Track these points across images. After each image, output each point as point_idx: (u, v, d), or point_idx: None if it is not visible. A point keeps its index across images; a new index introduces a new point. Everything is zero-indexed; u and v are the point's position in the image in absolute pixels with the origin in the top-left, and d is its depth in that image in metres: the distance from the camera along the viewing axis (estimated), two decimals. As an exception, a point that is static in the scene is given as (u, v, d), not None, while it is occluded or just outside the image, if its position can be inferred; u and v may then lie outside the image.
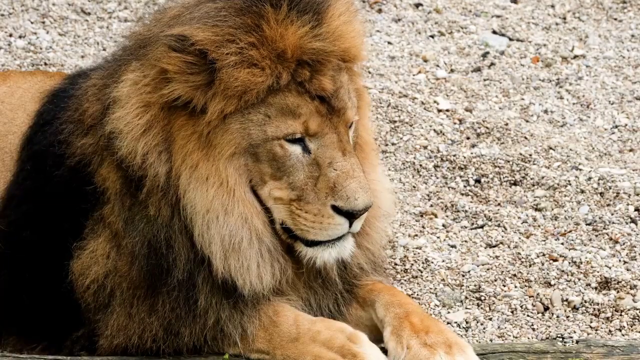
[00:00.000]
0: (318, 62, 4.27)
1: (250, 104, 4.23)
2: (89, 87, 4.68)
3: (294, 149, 4.28)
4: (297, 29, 4.22)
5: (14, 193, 4.81)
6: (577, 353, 4.54)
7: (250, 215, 4.32)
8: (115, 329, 4.48)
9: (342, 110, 4.31)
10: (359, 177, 4.25)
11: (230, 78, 4.19)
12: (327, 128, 4.28)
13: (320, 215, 4.27)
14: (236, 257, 4.31)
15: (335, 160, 4.26)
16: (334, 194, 4.24)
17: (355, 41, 4.40)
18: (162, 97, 4.27)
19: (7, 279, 4.71)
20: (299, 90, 4.25)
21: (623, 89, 7.33)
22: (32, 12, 7.97)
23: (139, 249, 4.41)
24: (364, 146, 4.59)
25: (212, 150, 4.27)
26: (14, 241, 4.70)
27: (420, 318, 4.47)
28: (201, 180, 4.27)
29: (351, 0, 4.47)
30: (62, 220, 4.57)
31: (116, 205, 4.45)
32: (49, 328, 4.65)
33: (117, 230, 4.45)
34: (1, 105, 5.34)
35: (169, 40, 4.22)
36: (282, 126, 4.25)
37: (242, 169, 4.30)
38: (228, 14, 4.24)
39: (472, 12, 8.31)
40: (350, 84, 4.40)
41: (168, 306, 4.41)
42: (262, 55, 4.20)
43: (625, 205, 6.02)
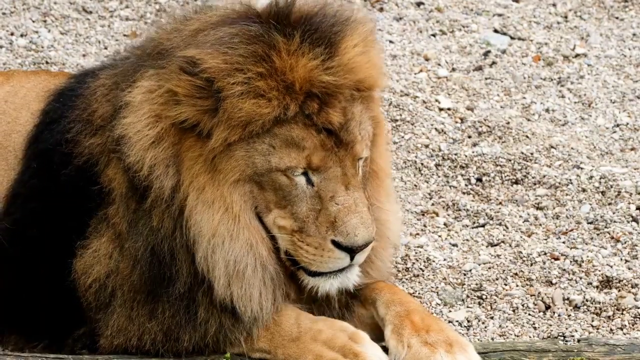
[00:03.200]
0: (328, 94, 4.22)
1: (255, 133, 4.20)
2: (98, 87, 4.66)
3: (298, 180, 4.25)
4: (308, 62, 4.18)
5: (20, 191, 4.81)
6: (578, 352, 4.54)
7: (256, 242, 4.30)
8: (116, 330, 4.48)
9: (350, 144, 4.26)
10: (360, 213, 4.21)
11: (234, 108, 4.16)
12: (332, 162, 4.23)
13: (321, 248, 4.25)
14: (239, 285, 4.31)
15: (338, 195, 4.23)
16: (334, 229, 4.21)
17: (371, 71, 4.34)
18: (170, 119, 4.26)
19: (11, 277, 4.72)
20: (306, 122, 4.21)
21: (624, 88, 7.33)
22: (33, 11, 7.97)
23: (141, 254, 4.40)
24: (379, 173, 4.55)
25: (218, 174, 4.25)
26: (19, 239, 4.70)
27: (421, 317, 4.47)
28: (208, 204, 4.26)
29: (369, 29, 4.41)
30: (67, 219, 4.57)
31: (121, 206, 4.44)
32: (51, 326, 4.66)
33: (120, 231, 4.45)
34: (5, 104, 5.34)
35: (180, 62, 4.20)
36: (285, 158, 4.22)
37: (248, 196, 4.28)
38: (240, 41, 4.19)
39: (473, 11, 8.31)
40: (365, 112, 4.35)
41: (168, 313, 4.41)
42: (269, 86, 4.16)
43: (627, 204, 6.02)
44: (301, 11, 4.32)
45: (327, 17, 4.32)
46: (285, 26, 4.23)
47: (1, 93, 5.40)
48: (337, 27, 4.30)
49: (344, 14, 4.40)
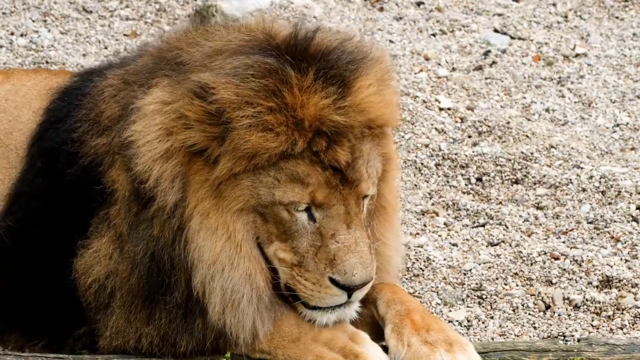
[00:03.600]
0: (337, 133, 4.20)
1: (261, 166, 4.19)
2: (106, 87, 4.65)
3: (300, 215, 4.23)
4: (320, 100, 4.16)
5: (23, 190, 4.80)
6: (578, 352, 4.54)
7: (254, 272, 4.29)
8: (114, 332, 4.49)
9: (355, 182, 4.24)
10: (360, 252, 4.20)
11: (240, 140, 4.15)
12: (335, 199, 4.22)
13: (319, 284, 4.24)
14: (233, 314, 4.31)
15: (339, 233, 4.21)
16: (332, 267, 4.20)
17: (384, 110, 4.32)
18: (179, 141, 4.26)
19: (12, 275, 4.72)
20: (313, 159, 4.19)
21: (624, 88, 7.33)
22: (33, 11, 7.97)
23: (140, 258, 4.40)
24: (387, 208, 4.52)
25: (222, 201, 4.24)
26: (21, 238, 4.70)
27: (422, 316, 4.47)
28: (211, 230, 4.25)
29: (386, 66, 4.39)
30: (69, 218, 4.57)
31: (123, 208, 4.44)
32: (51, 325, 4.66)
33: (121, 232, 4.45)
34: (5, 103, 5.34)
35: (194, 86, 4.20)
36: (289, 193, 4.20)
37: (250, 225, 4.28)
38: (254, 74, 4.18)
39: (473, 11, 8.31)
40: (375, 149, 4.33)
41: (165, 319, 4.41)
42: (278, 121, 4.14)
43: (627, 204, 6.02)
44: (319, 45, 4.29)
45: (344, 54, 4.30)
46: (301, 61, 4.20)
47: (1, 91, 5.40)
48: (353, 65, 4.27)
49: (362, 50, 4.38)
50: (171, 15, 8.01)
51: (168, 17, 8.00)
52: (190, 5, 7.98)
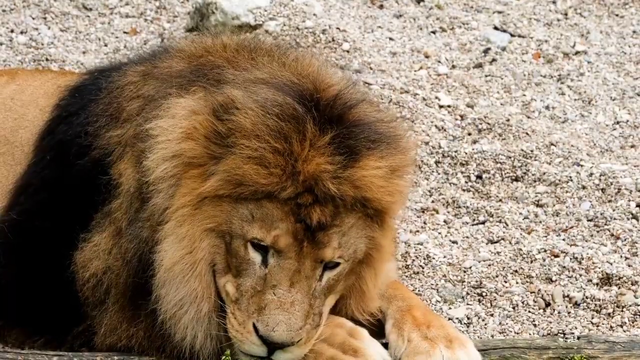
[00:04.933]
0: (327, 196, 4.20)
1: (244, 197, 4.21)
2: (127, 84, 4.68)
3: (255, 256, 4.23)
4: (323, 163, 4.18)
5: (31, 182, 4.81)
6: (578, 349, 4.54)
7: (201, 296, 4.29)
8: (108, 329, 4.50)
9: (320, 245, 4.22)
10: (292, 313, 4.16)
11: (233, 165, 4.18)
12: (293, 253, 4.20)
13: (242, 326, 4.22)
14: (180, 327, 4.31)
15: (280, 287, 4.19)
16: (259, 314, 4.18)
17: (385, 197, 4.30)
18: (185, 150, 4.29)
19: (14, 270, 4.72)
20: (293, 209, 4.19)
21: (624, 85, 7.33)
22: (33, 8, 7.97)
23: (130, 257, 4.43)
24: (366, 293, 4.48)
25: (199, 215, 4.26)
26: (24, 231, 4.70)
27: (423, 312, 4.48)
28: (179, 238, 4.28)
29: (406, 159, 4.39)
30: (74, 211, 4.58)
31: (125, 203, 4.45)
32: (52, 322, 4.66)
33: (120, 227, 4.46)
34: (11, 101, 5.36)
35: (216, 103, 4.24)
36: (255, 229, 4.20)
37: (214, 249, 4.29)
38: (279, 113, 4.20)
39: (473, 8, 8.31)
40: (361, 229, 4.30)
41: (146, 322, 4.43)
42: (277, 162, 4.17)
43: (627, 202, 6.02)
44: (354, 115, 4.30)
45: (371, 131, 4.30)
46: (327, 121, 4.22)
47: (7, 91, 5.42)
48: (373, 144, 4.28)
49: (392, 135, 4.38)
50: (171, 12, 8.01)
51: (168, 14, 8.00)
52: (190, 3, 7.97)
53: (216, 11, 7.62)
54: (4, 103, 5.35)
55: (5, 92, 5.42)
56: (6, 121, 5.27)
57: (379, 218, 4.35)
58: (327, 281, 4.29)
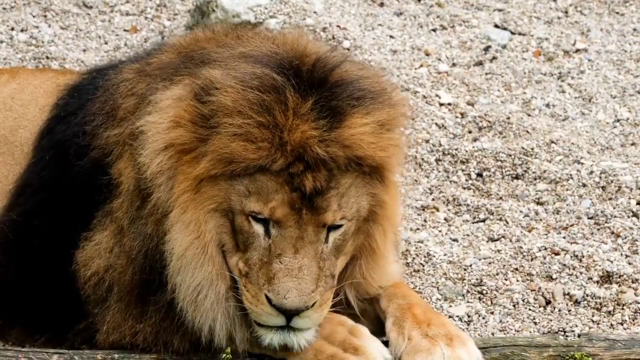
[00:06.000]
0: (318, 161, 4.20)
1: (237, 174, 4.22)
2: (122, 81, 4.69)
3: (258, 228, 4.24)
4: (308, 129, 4.18)
5: (31, 182, 4.81)
6: (578, 347, 4.54)
7: (216, 278, 4.30)
8: (111, 327, 4.50)
9: (320, 210, 4.22)
10: (300, 279, 4.17)
11: (221, 145, 4.19)
12: (293, 221, 4.21)
13: (256, 299, 4.24)
14: (199, 312, 4.32)
15: (285, 255, 4.20)
16: (269, 285, 4.19)
17: (378, 153, 4.29)
18: (174, 138, 4.29)
19: (14, 269, 4.72)
20: (287, 179, 4.20)
21: (625, 83, 7.32)
22: (34, 6, 7.97)
23: (135, 254, 4.43)
24: (376, 251, 4.47)
25: (200, 198, 4.28)
26: (26, 231, 4.71)
27: (423, 310, 4.48)
28: (185, 224, 4.28)
29: (396, 113, 4.36)
30: (75, 211, 4.58)
31: (126, 201, 4.46)
32: (53, 320, 4.66)
33: (122, 226, 4.47)
34: (11, 100, 5.35)
35: (196, 86, 4.25)
36: (253, 203, 4.22)
37: (220, 229, 4.30)
38: (259, 86, 4.21)
39: (474, 6, 8.30)
40: (360, 187, 4.31)
41: (156, 318, 4.42)
42: (264, 136, 4.18)
43: (627, 199, 6.02)
44: (335, 76, 4.30)
45: (355, 89, 4.30)
46: (307, 87, 4.22)
47: (8, 90, 5.42)
48: (358, 101, 4.27)
49: (378, 90, 4.37)
50: (171, 10, 8.01)
51: (168, 12, 8.00)
52: (190, 1, 7.97)
53: (216, 9, 7.62)
54: (4, 102, 5.34)
55: (5, 91, 5.42)
56: (6, 120, 5.27)
57: (378, 175, 4.35)
58: (333, 242, 4.29)
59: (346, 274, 4.46)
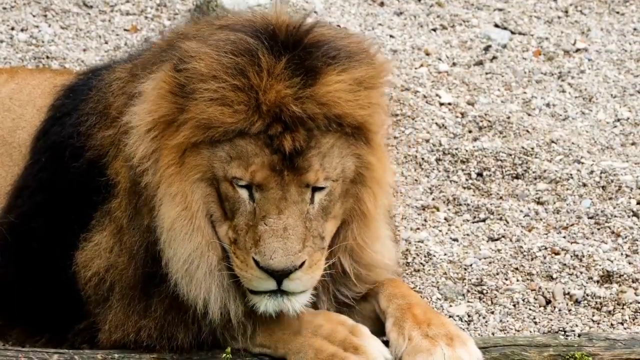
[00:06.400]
0: (295, 121, 4.20)
1: (217, 140, 4.23)
2: (114, 80, 4.70)
3: (242, 193, 4.25)
4: (283, 89, 4.18)
5: (28, 184, 4.82)
6: (579, 347, 4.54)
7: (207, 248, 4.31)
8: (114, 325, 4.50)
9: (302, 171, 4.21)
10: (286, 239, 4.17)
11: (198, 111, 4.20)
12: (275, 183, 4.21)
13: (245, 263, 4.24)
14: (193, 284, 4.31)
15: (269, 216, 4.19)
16: (256, 247, 4.19)
17: (358, 112, 4.27)
18: (156, 113, 4.30)
19: (13, 271, 4.73)
20: (266, 141, 4.20)
21: (625, 83, 7.33)
22: (34, 6, 7.97)
23: (137, 249, 4.43)
24: (367, 214, 4.45)
25: (184, 169, 4.28)
26: (24, 233, 4.71)
27: (423, 310, 4.47)
28: (171, 196, 4.29)
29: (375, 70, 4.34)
30: (73, 212, 4.59)
31: (124, 200, 4.47)
32: (53, 320, 4.66)
33: (121, 225, 4.47)
34: (9, 101, 5.35)
35: (175, 57, 4.27)
36: (235, 169, 4.23)
37: (207, 199, 4.31)
38: (231, 50, 4.22)
39: (474, 6, 8.31)
40: (343, 148, 4.30)
41: (160, 310, 4.42)
42: (240, 99, 4.18)
43: (627, 199, 6.02)
44: (308, 36, 4.30)
45: (330, 48, 4.29)
46: (281, 47, 4.23)
47: (6, 90, 5.42)
48: (333, 60, 4.26)
49: (353, 50, 4.35)
50: (172, 10, 8.01)
51: (169, 12, 8.00)
52: (191, 0, 7.97)
53: (217, 8, 7.62)
54: (2, 102, 5.34)
55: (3, 91, 5.42)
56: (4, 121, 5.26)
57: (362, 136, 4.34)
58: (319, 203, 4.28)
59: (339, 239, 4.44)
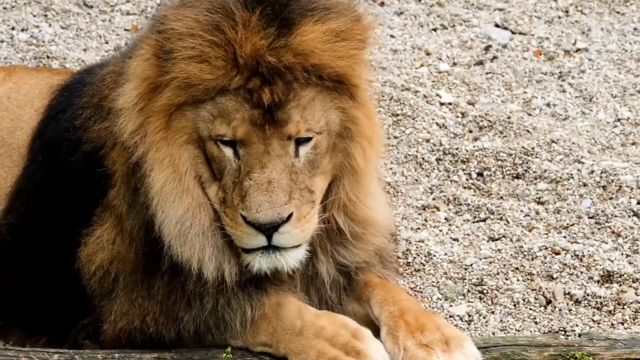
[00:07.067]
0: (274, 73, 4.22)
1: (200, 99, 4.26)
2: (108, 73, 4.72)
3: (227, 151, 4.27)
4: (259, 40, 4.19)
5: (25, 185, 4.82)
6: (579, 346, 4.55)
7: (198, 210, 4.33)
8: (119, 314, 4.50)
9: (282, 123, 4.23)
10: (271, 192, 4.18)
11: (178, 70, 4.23)
12: (257, 137, 4.23)
13: (234, 221, 4.26)
14: (186, 246, 4.33)
15: (253, 171, 4.21)
16: (242, 203, 4.21)
17: (336, 62, 4.28)
18: (141, 79, 4.33)
19: (14, 271, 4.73)
20: (246, 96, 4.23)
21: (625, 83, 7.33)
22: (34, 5, 7.97)
23: (137, 231, 4.45)
24: (357, 170, 4.47)
25: (170, 133, 4.31)
26: (24, 233, 4.71)
27: (415, 316, 4.45)
28: (159, 161, 4.32)
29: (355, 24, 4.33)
30: (72, 209, 4.60)
31: (122, 188, 4.48)
32: (54, 319, 4.66)
33: (121, 213, 4.49)
34: (7, 101, 5.35)
35: (157, 21, 4.31)
36: (218, 127, 4.25)
37: (194, 161, 4.33)
38: (207, 8, 4.26)
39: (474, 6, 8.31)
40: (324, 102, 4.31)
41: (163, 290, 4.43)
42: (217, 55, 4.21)
43: (628, 199, 6.02)
44: None
45: (308, 2, 4.30)
46: (256, 1, 4.24)
47: (4, 90, 5.42)
48: (310, 11, 4.27)
49: (334, 3, 4.35)
50: (172, 10, 8.01)
51: (169, 11, 8.00)
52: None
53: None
54: (0, 102, 5.34)
55: (1, 91, 5.42)
56: (3, 122, 5.27)
57: (346, 90, 4.36)
58: (306, 157, 4.30)
59: (331, 195, 4.45)
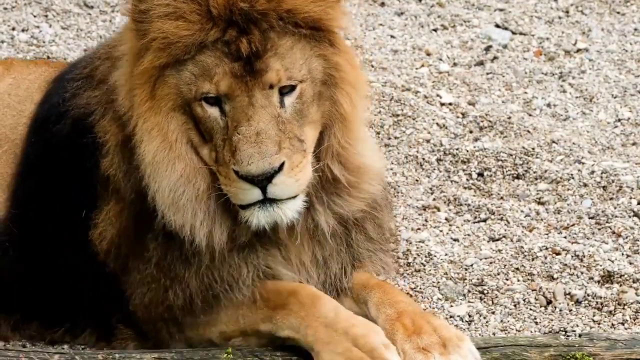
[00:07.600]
0: (249, 22, 4.22)
1: (180, 59, 4.25)
2: (101, 47, 4.76)
3: (213, 111, 4.28)
4: None
5: (19, 170, 4.83)
6: (579, 347, 4.55)
7: (193, 175, 4.33)
8: (136, 288, 4.52)
9: (262, 72, 4.23)
10: (259, 143, 4.18)
11: (155, 29, 4.23)
12: (240, 90, 4.23)
13: (228, 178, 4.26)
14: (179, 213, 4.33)
15: (240, 124, 4.21)
16: (234, 158, 4.21)
17: (310, 7, 4.29)
18: (129, 51, 4.34)
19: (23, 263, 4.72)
20: (224, 50, 4.22)
21: (626, 83, 7.32)
22: (35, 6, 7.97)
23: (129, 195, 4.47)
24: (346, 117, 4.47)
25: (156, 102, 4.31)
26: (25, 222, 4.71)
27: (412, 318, 4.44)
28: (148, 131, 4.33)
29: None
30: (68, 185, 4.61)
31: (116, 157, 4.50)
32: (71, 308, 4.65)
33: (118, 182, 4.48)
34: (8, 97, 5.35)
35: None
36: (201, 85, 4.25)
37: (184, 127, 4.34)
38: None
39: (475, 6, 8.30)
40: (305, 49, 4.31)
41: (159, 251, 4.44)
42: (191, 9, 4.21)
43: (628, 199, 6.02)
44: None
45: None
46: None
47: (4, 86, 5.42)
48: None
49: None
50: (172, 10, 8.01)
51: (169, 12, 8.00)
52: (192, 1, 7.97)
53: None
54: (1, 99, 5.34)
55: (1, 87, 5.42)
56: (5, 118, 5.27)
57: (324, 37, 4.35)
58: (292, 106, 4.30)
59: (323, 144, 4.45)
